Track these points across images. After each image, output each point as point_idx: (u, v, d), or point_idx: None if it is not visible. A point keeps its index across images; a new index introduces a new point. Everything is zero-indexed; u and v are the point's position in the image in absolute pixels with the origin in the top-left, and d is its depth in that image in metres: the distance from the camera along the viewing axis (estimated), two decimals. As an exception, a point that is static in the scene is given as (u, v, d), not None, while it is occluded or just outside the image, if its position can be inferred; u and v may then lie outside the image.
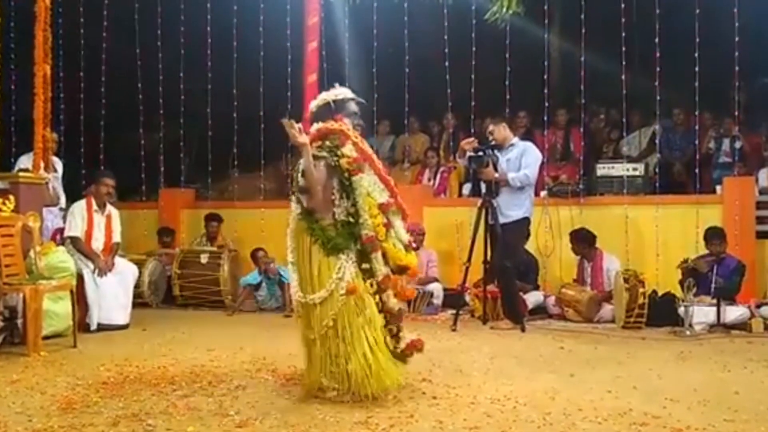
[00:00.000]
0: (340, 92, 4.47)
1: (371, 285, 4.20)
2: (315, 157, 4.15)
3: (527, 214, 7.15)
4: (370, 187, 4.24)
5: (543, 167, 7.80)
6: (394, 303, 4.28)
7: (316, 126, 4.35)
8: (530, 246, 7.90)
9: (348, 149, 4.22)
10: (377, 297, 4.22)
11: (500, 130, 7.32)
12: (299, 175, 4.24)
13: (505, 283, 7.10)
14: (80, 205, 7.21)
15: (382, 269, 4.22)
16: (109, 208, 7.38)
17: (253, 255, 8.46)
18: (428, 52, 9.26)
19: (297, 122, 4.13)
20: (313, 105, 4.52)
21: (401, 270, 4.36)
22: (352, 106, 4.44)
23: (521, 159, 7.13)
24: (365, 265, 4.21)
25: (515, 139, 7.37)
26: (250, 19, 9.28)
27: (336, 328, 4.12)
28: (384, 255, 4.25)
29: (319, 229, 4.18)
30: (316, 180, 4.14)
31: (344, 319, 4.11)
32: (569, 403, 4.15)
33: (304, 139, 4.09)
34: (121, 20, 9.68)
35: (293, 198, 4.36)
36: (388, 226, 4.27)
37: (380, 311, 4.23)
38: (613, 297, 7.38)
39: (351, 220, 4.19)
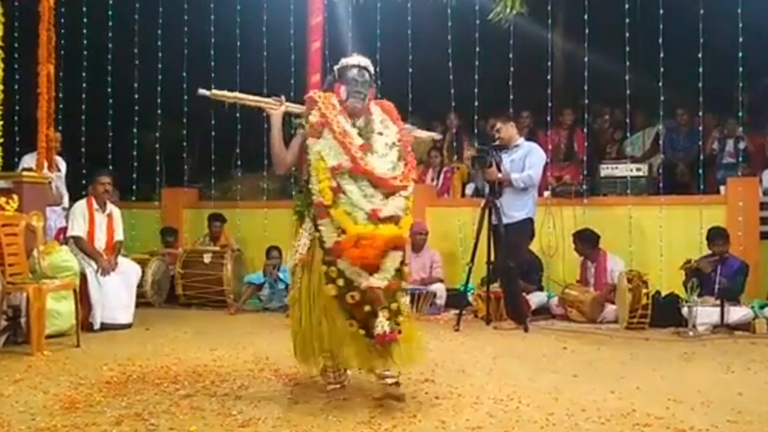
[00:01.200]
0: (345, 59, 4.39)
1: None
2: (297, 127, 4.29)
3: (530, 214, 7.16)
4: (324, 150, 4.06)
5: (546, 167, 7.81)
6: (353, 272, 3.92)
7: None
8: (533, 246, 7.89)
9: (312, 116, 4.17)
10: (329, 267, 3.97)
11: (507, 129, 7.30)
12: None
13: (509, 284, 7.10)
14: (81, 205, 7.22)
15: (331, 236, 3.97)
16: (111, 206, 7.39)
17: (267, 253, 8.47)
18: (432, 52, 9.25)
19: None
20: (351, 61, 4.41)
21: (355, 240, 3.91)
22: (353, 73, 4.29)
23: (525, 160, 7.13)
24: (316, 233, 4.08)
25: (521, 140, 7.36)
26: (253, 18, 9.29)
27: (300, 301, 4.16)
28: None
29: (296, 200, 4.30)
30: (275, 148, 4.32)
31: (301, 292, 4.16)
32: (572, 404, 4.14)
33: (273, 110, 4.34)
34: (123, 20, 9.69)
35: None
36: (337, 190, 3.98)
37: (339, 285, 3.95)
38: (616, 297, 7.37)
39: (307, 184, 4.16)
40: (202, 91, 4.32)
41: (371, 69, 4.37)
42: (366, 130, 4.21)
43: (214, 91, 4.31)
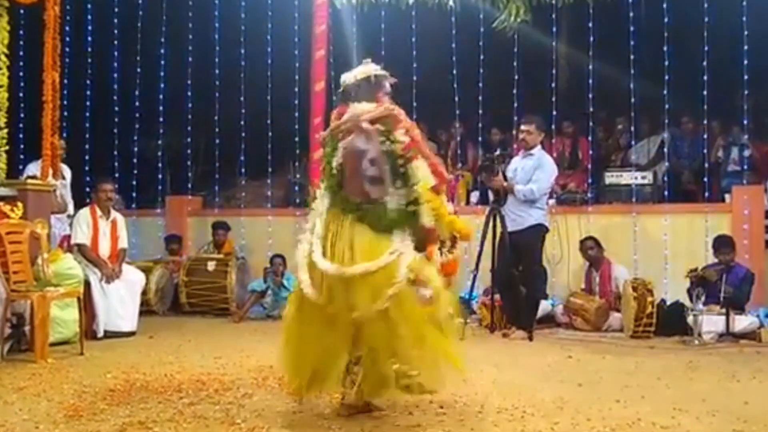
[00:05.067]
0: (377, 68, 4.16)
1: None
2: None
3: (540, 221, 7.10)
4: (426, 174, 3.95)
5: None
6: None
7: (362, 107, 4.00)
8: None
9: (400, 134, 3.93)
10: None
11: (535, 135, 7.19)
12: (368, 164, 3.93)
13: (512, 292, 7.07)
14: (85, 213, 7.23)
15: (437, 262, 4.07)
16: (114, 214, 7.40)
17: (271, 261, 8.46)
18: (436, 60, 9.26)
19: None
20: (348, 79, 4.14)
21: (454, 240, 4.35)
22: (388, 85, 4.14)
23: (534, 171, 7.08)
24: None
25: (537, 148, 7.30)
26: (257, 26, 9.32)
27: (398, 306, 3.73)
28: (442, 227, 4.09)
29: (369, 210, 3.90)
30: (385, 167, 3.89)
31: (407, 300, 3.77)
32: (577, 413, 4.13)
33: (368, 124, 3.90)
34: (128, 28, 9.73)
35: (323, 191, 4.07)
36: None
37: None
38: (621, 306, 7.35)
39: (410, 209, 3.90)
40: None
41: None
42: None
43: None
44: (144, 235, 9.73)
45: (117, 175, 9.46)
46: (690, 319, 6.75)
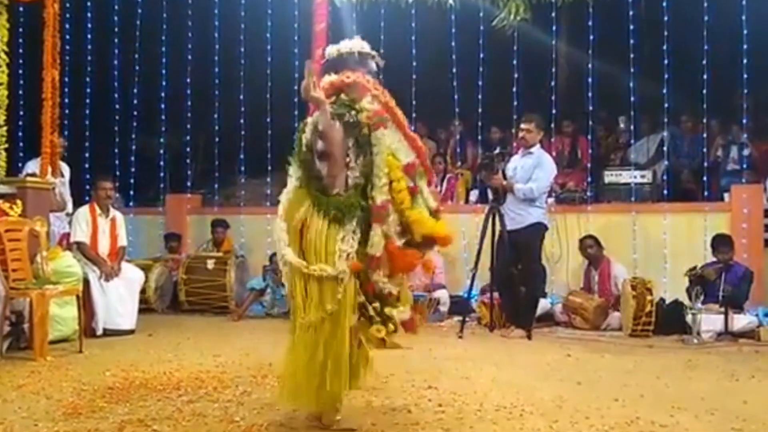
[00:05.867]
0: (363, 44, 3.88)
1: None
2: (332, 115, 3.58)
3: (539, 219, 7.10)
4: (394, 145, 3.64)
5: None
6: (383, 284, 3.65)
7: (328, 78, 3.79)
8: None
9: (367, 102, 3.66)
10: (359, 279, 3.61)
11: (535, 133, 7.20)
12: (315, 137, 3.66)
13: (511, 290, 7.08)
14: (84, 211, 7.23)
15: (380, 247, 3.57)
16: (113, 212, 7.40)
17: (270, 259, 8.45)
18: (435, 58, 9.25)
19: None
20: (331, 51, 3.88)
21: (428, 242, 3.70)
22: (373, 65, 3.86)
23: (534, 170, 7.08)
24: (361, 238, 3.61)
25: (536, 147, 7.30)
26: (257, 24, 9.31)
27: (338, 313, 3.53)
28: (407, 225, 3.63)
29: (323, 198, 3.64)
30: (336, 140, 3.59)
31: (346, 304, 3.53)
32: (576, 412, 4.13)
33: (319, 93, 3.54)
34: (128, 26, 9.73)
35: (293, 166, 3.83)
36: (415, 190, 3.65)
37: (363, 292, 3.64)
38: (620, 305, 7.36)
39: (362, 182, 3.63)
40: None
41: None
42: None
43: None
44: (145, 233, 9.74)
45: (117, 173, 9.45)
46: (689, 317, 6.75)
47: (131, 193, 10.08)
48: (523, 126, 7.28)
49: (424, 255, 3.79)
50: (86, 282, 6.78)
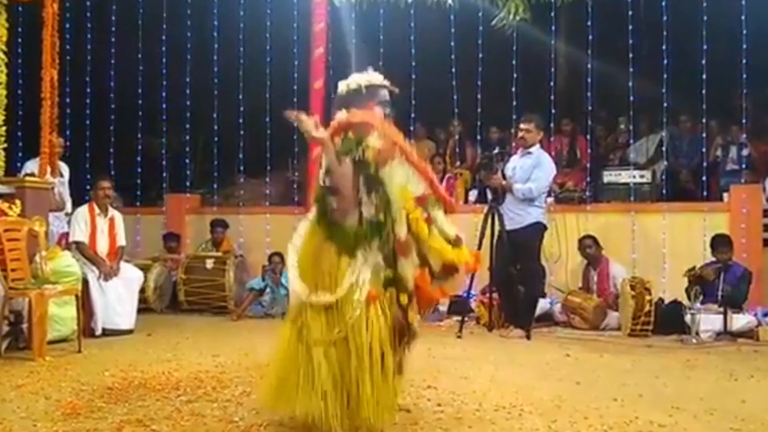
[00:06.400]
0: (373, 77, 3.93)
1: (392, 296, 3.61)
2: (338, 153, 3.61)
3: (538, 219, 7.11)
4: (403, 178, 3.65)
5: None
6: (413, 320, 3.71)
7: (337, 116, 3.85)
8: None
9: (373, 139, 3.66)
10: (396, 311, 3.62)
11: (534, 133, 7.21)
12: (324, 173, 3.70)
13: (510, 290, 7.08)
14: (83, 210, 7.23)
15: (410, 277, 3.63)
16: (112, 211, 7.39)
17: (269, 259, 8.46)
18: (434, 58, 9.25)
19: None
20: (341, 87, 3.95)
21: (448, 271, 3.70)
22: (384, 94, 3.90)
23: (533, 170, 7.09)
24: (389, 272, 3.61)
25: (536, 147, 7.30)
26: (256, 24, 9.31)
27: (348, 340, 3.51)
28: (424, 256, 3.64)
29: (336, 229, 3.64)
30: (343, 177, 3.60)
31: (360, 331, 3.50)
32: (575, 411, 4.13)
33: (321, 133, 3.58)
34: (127, 26, 9.72)
35: (316, 201, 3.81)
36: (429, 221, 3.66)
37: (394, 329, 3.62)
38: (619, 304, 7.36)
39: (381, 218, 3.61)
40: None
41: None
42: None
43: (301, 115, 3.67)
44: (142, 233, 9.73)
45: (114, 172, 9.43)
46: (688, 317, 6.76)
47: (138, 193, 10.08)
48: (522, 126, 7.28)
49: (444, 288, 3.82)
50: (85, 282, 6.78)
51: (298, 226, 3.86)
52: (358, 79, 3.93)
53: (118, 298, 7.02)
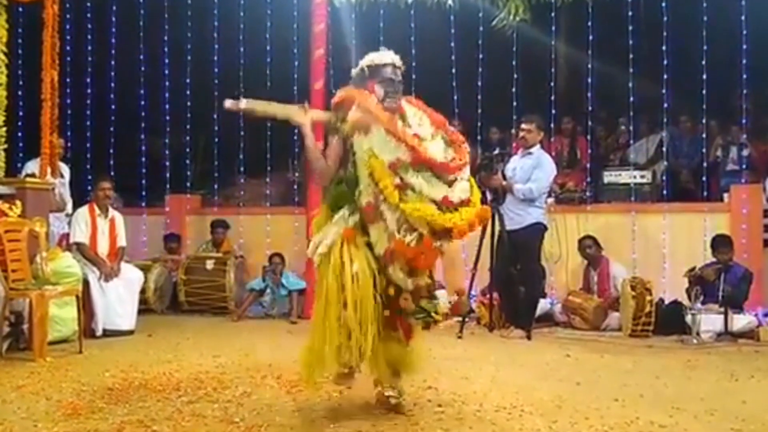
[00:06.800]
0: (377, 57, 4.08)
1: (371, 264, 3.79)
2: (331, 131, 3.99)
3: (539, 219, 7.11)
4: (377, 147, 3.77)
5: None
6: (401, 278, 3.81)
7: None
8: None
9: (353, 113, 3.88)
10: (380, 277, 3.79)
11: (535, 134, 7.23)
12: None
13: (511, 290, 7.08)
14: (83, 211, 7.23)
15: (381, 241, 3.78)
16: (112, 212, 7.39)
17: (270, 260, 8.46)
18: (435, 58, 9.25)
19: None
20: (353, 72, 4.17)
21: (441, 233, 3.75)
22: (387, 72, 3.99)
23: (533, 171, 7.09)
24: (366, 238, 3.83)
25: (536, 147, 7.31)
26: (256, 25, 9.31)
27: (320, 285, 3.86)
28: (406, 220, 3.70)
29: (326, 192, 4.08)
30: (315, 158, 3.98)
31: (325, 278, 3.80)
32: (575, 412, 4.13)
33: (301, 118, 3.97)
34: (127, 27, 9.72)
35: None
36: (402, 186, 3.71)
37: (387, 294, 3.82)
38: (620, 305, 7.35)
39: (351, 186, 3.90)
40: (229, 103, 3.97)
41: (401, 65, 4.12)
42: (404, 126, 3.92)
43: (243, 104, 4.00)
44: (143, 234, 9.73)
45: (118, 173, 9.43)
46: (688, 318, 6.76)
47: (138, 194, 10.08)
48: (523, 126, 7.28)
49: (441, 246, 3.86)
50: (86, 282, 6.78)
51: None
52: (364, 60, 4.10)
53: (118, 299, 7.02)
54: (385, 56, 4.08)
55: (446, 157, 3.86)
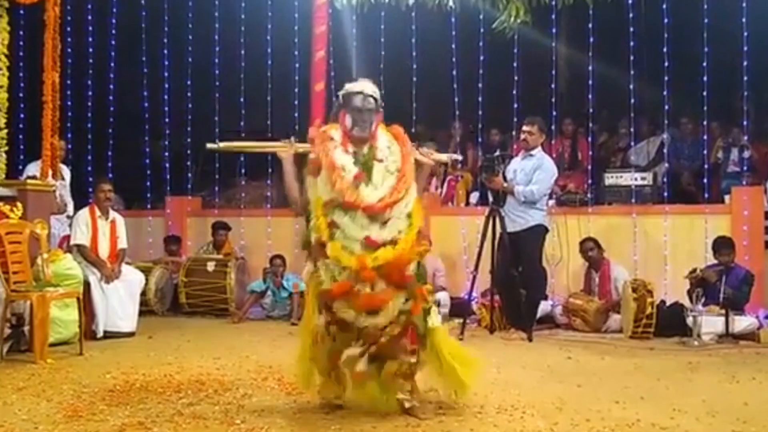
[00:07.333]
0: (350, 86, 4.22)
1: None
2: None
3: (540, 221, 7.12)
4: (320, 187, 4.02)
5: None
6: (350, 316, 3.93)
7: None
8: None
9: (313, 153, 4.13)
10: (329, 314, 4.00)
11: (537, 136, 7.24)
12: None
13: (512, 293, 7.07)
14: (84, 213, 7.23)
15: (328, 278, 3.96)
16: (113, 214, 7.39)
17: (271, 261, 8.46)
18: (435, 60, 9.26)
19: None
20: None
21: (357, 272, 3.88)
22: (356, 101, 4.12)
23: (534, 173, 7.10)
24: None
25: (537, 149, 7.31)
26: (257, 27, 9.32)
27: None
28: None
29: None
30: (288, 189, 4.25)
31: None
32: (577, 414, 4.13)
33: (283, 153, 4.24)
34: (128, 29, 9.73)
35: None
36: (332, 225, 3.94)
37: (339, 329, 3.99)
38: (621, 307, 7.35)
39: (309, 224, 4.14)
40: (210, 146, 4.33)
41: (377, 94, 4.20)
42: (368, 157, 4.06)
43: (222, 145, 4.37)
44: (143, 236, 9.73)
45: (119, 175, 9.43)
46: (689, 319, 6.74)
47: (139, 195, 10.08)
48: (525, 128, 7.29)
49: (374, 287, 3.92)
50: (87, 284, 6.78)
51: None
52: (343, 89, 4.25)
53: (119, 301, 7.02)
54: (357, 86, 4.22)
55: (382, 197, 3.98)
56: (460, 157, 5.38)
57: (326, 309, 3.99)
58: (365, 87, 4.19)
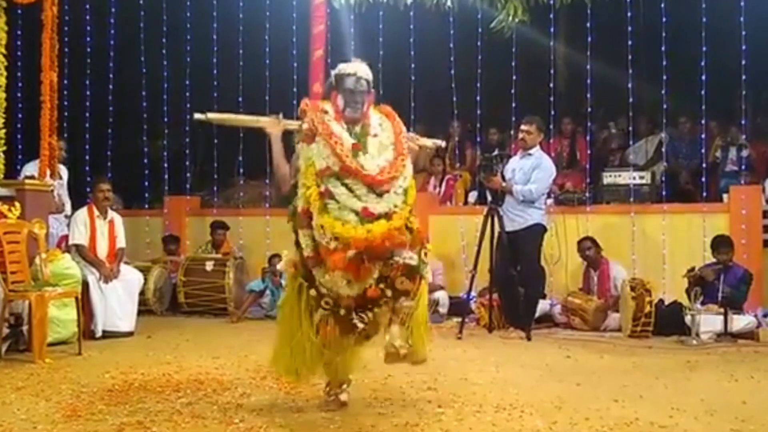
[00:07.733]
0: (343, 67, 4.18)
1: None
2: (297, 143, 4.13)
3: (538, 220, 7.12)
4: (314, 155, 3.89)
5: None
6: (327, 280, 3.84)
7: None
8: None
9: (304, 123, 4.03)
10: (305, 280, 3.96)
11: (535, 135, 7.25)
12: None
13: (510, 292, 7.08)
14: (82, 213, 7.22)
15: (308, 246, 3.88)
16: (112, 214, 7.39)
17: (269, 261, 8.46)
18: (434, 59, 9.27)
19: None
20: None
21: (350, 244, 3.73)
22: (349, 82, 4.07)
23: (533, 172, 7.11)
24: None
25: (536, 149, 7.32)
26: (255, 26, 9.31)
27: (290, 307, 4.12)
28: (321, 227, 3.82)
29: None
30: (277, 165, 4.21)
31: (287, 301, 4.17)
32: (575, 413, 4.13)
33: (272, 128, 4.20)
34: (127, 28, 9.73)
35: None
36: (326, 194, 3.81)
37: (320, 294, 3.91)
38: (619, 306, 7.35)
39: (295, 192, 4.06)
40: (198, 116, 4.21)
41: (369, 76, 4.15)
42: (361, 134, 4.02)
43: (210, 115, 4.21)
44: (142, 235, 9.73)
45: (118, 175, 9.43)
46: (688, 318, 6.75)
47: (138, 195, 10.07)
48: (523, 127, 7.29)
49: (352, 257, 3.76)
50: (85, 284, 6.78)
51: None
52: (336, 69, 4.22)
53: (118, 301, 7.02)
54: (350, 67, 4.17)
55: (383, 168, 3.92)
56: (443, 143, 5.32)
57: (307, 282, 3.93)
58: (358, 69, 4.15)
